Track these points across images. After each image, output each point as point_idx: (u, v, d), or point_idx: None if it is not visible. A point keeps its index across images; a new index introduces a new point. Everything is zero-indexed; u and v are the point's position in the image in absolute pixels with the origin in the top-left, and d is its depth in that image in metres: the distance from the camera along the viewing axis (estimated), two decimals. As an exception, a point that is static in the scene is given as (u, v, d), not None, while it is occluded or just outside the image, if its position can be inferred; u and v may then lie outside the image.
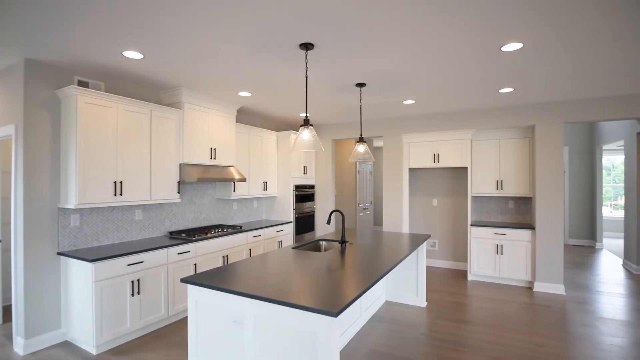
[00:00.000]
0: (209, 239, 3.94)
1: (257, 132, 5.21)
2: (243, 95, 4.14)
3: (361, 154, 3.58)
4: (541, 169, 4.60)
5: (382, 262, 2.63)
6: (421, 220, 5.96)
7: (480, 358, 2.85)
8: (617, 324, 3.54)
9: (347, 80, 3.52)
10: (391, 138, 5.63)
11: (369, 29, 2.36)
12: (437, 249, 5.84)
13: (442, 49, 2.72)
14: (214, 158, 4.29)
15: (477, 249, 4.98)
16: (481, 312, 3.83)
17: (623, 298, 4.31)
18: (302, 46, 2.57)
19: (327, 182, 6.17)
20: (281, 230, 5.25)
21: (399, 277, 4.12)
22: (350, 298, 1.76)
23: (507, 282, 4.89)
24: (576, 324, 3.54)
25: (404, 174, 5.51)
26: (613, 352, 2.95)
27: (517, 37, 2.50)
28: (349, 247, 3.23)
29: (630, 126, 5.56)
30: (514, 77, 3.46)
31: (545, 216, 4.57)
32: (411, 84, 3.68)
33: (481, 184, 5.21)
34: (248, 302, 1.90)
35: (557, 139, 4.53)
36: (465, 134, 5.06)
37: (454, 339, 3.20)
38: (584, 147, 7.73)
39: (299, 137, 2.48)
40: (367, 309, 3.60)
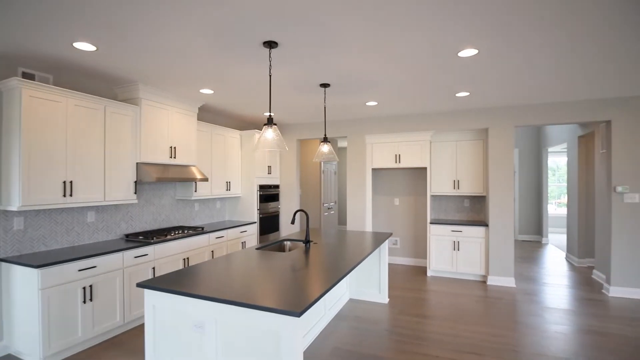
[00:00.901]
0: (168, 241, 3.79)
1: (220, 131, 5.09)
2: (205, 92, 4.03)
3: (325, 154, 3.61)
4: (494, 170, 4.89)
5: (345, 261, 2.66)
6: (384, 219, 6.11)
7: (439, 350, 2.97)
8: (561, 312, 3.84)
9: (311, 80, 3.53)
10: (355, 139, 5.73)
11: (332, 30, 2.38)
12: (399, 247, 6.02)
13: (403, 52, 2.81)
14: (174, 157, 4.14)
15: (436, 246, 5.19)
16: (440, 306, 4.00)
17: (566, 289, 4.68)
18: (265, 44, 2.55)
19: (292, 182, 6.16)
20: (245, 231, 5.17)
21: (363, 274, 4.20)
22: (314, 297, 1.76)
23: (463, 276, 5.15)
24: (525, 314, 3.80)
25: (367, 174, 5.63)
26: (558, 338, 3.20)
27: (472, 44, 2.64)
28: (313, 247, 3.24)
29: (572, 130, 6.06)
30: (470, 81, 3.64)
31: (497, 214, 4.86)
32: (374, 85, 3.77)
33: (439, 184, 5.44)
34: (209, 305, 1.85)
35: (508, 142, 4.83)
36: (425, 136, 5.26)
37: (414, 333, 3.31)
38: (531, 149, 8.31)
39: (262, 136, 2.45)
40: (332, 307, 3.63)
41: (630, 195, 4.30)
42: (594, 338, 3.20)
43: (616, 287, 4.36)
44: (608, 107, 4.37)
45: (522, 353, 2.92)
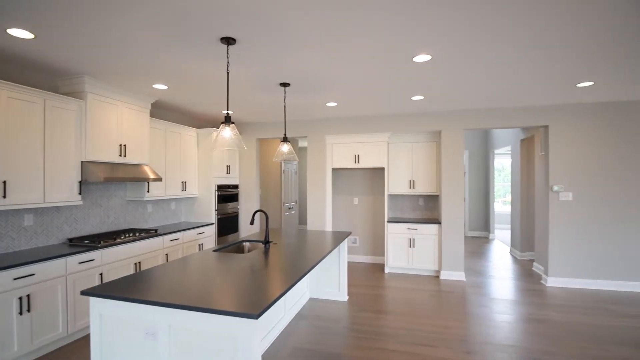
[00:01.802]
0: (117, 245, 3.57)
1: (175, 128, 4.89)
2: (158, 87, 3.84)
3: (285, 154, 3.60)
4: (446, 170, 5.15)
5: (305, 261, 2.67)
6: (344, 218, 6.21)
7: (396, 344, 3.07)
8: (505, 303, 4.13)
9: (271, 79, 3.50)
10: (315, 139, 5.76)
11: (291, 29, 2.38)
12: (358, 245, 6.14)
13: (361, 55, 2.87)
14: (124, 155, 3.91)
15: (393, 244, 5.37)
16: (396, 302, 4.14)
17: (510, 280, 5.05)
18: (223, 40, 2.49)
19: (252, 182, 6.06)
20: (202, 232, 5.00)
21: (323, 273, 4.24)
22: (272, 299, 1.75)
23: (418, 272, 5.37)
24: (474, 305, 4.04)
25: (327, 173, 5.68)
26: (503, 327, 3.43)
27: (426, 50, 2.76)
28: (273, 247, 3.21)
29: (515, 134, 6.54)
30: (424, 86, 3.80)
31: (449, 212, 5.13)
32: (333, 86, 3.81)
33: (396, 184, 5.63)
34: (161, 311, 1.77)
35: (458, 144, 5.11)
36: (383, 137, 5.42)
37: (372, 329, 3.40)
38: (480, 151, 8.85)
39: (219, 135, 2.39)
40: (292, 307, 3.63)
41: (565, 194, 4.73)
42: (534, 325, 3.48)
43: (553, 278, 4.78)
44: (546, 113, 4.78)
45: (471, 342, 3.11)
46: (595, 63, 3.08)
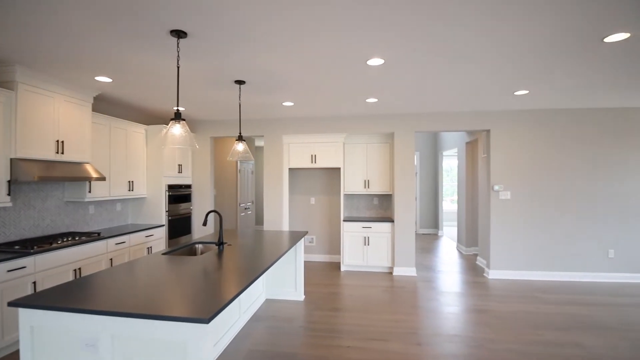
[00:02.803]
0: (53, 250, 3.28)
1: (121, 124, 4.59)
2: (102, 80, 3.59)
3: (240, 153, 3.52)
4: (398, 171, 5.35)
5: (260, 262, 2.64)
6: (301, 218, 6.22)
7: (351, 341, 3.14)
8: (453, 295, 4.38)
9: (225, 75, 3.41)
10: (272, 138, 5.71)
11: (246, 26, 2.33)
12: (315, 245, 6.18)
13: (316, 57, 2.89)
14: (62, 152, 3.60)
15: (349, 242, 5.47)
16: (351, 299, 4.22)
17: (457, 274, 5.36)
18: (173, 33, 2.38)
19: (206, 182, 5.86)
20: (151, 235, 4.75)
21: (279, 274, 4.21)
22: (224, 302, 1.70)
23: (373, 269, 5.52)
24: (424, 299, 4.24)
25: (284, 173, 5.66)
26: (450, 318, 3.64)
27: (379, 54, 2.84)
28: (227, 249, 3.13)
29: (461, 137, 6.95)
30: (378, 89, 3.92)
31: (401, 210, 5.34)
32: (290, 86, 3.80)
33: (352, 183, 5.75)
34: (103, 320, 1.65)
35: (410, 145, 5.33)
36: (339, 138, 5.50)
37: (328, 326, 3.44)
38: (429, 152, 9.31)
39: (168, 132, 2.28)
40: (247, 309, 3.56)
41: (504, 193, 5.12)
42: (477, 315, 3.72)
43: (494, 271, 5.15)
44: (488, 118, 5.14)
45: (421, 334, 3.26)
46: (530, 74, 3.37)
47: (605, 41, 2.58)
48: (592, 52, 2.81)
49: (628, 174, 4.94)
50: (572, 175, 5.03)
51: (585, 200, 5.01)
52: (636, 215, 4.93)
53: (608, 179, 4.97)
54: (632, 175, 4.94)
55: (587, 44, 2.64)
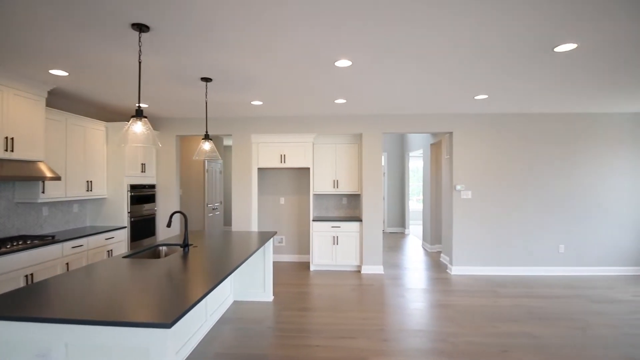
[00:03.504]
0: (1, 256, 3.05)
1: (79, 121, 4.35)
2: (57, 74, 3.38)
3: (207, 152, 3.45)
4: (367, 171, 5.46)
5: (227, 263, 2.60)
6: (270, 218, 6.18)
7: (319, 340, 3.16)
8: (418, 292, 4.52)
9: (191, 72, 3.32)
10: (240, 137, 5.63)
11: (211, 22, 2.29)
12: (284, 245, 6.16)
13: (284, 57, 2.89)
14: (11, 150, 3.35)
15: (318, 242, 5.51)
16: (320, 298, 4.25)
17: (422, 271, 5.54)
18: (134, 26, 2.29)
19: (171, 182, 5.68)
20: (112, 237, 4.54)
21: (247, 275, 4.16)
22: (188, 305, 1.67)
23: (342, 268, 5.59)
24: (391, 296, 4.35)
25: (253, 173, 5.60)
26: (415, 314, 3.76)
27: (347, 55, 2.88)
28: (193, 251, 3.06)
29: (426, 138, 7.19)
30: (346, 90, 3.97)
31: (369, 210, 5.44)
32: (258, 85, 3.77)
33: (321, 183, 5.79)
34: (55, 328, 1.56)
35: (378, 146, 5.45)
36: (308, 138, 5.52)
37: (297, 326, 3.44)
38: (397, 153, 9.55)
39: (129, 130, 2.19)
40: (214, 312, 3.49)
41: (465, 193, 5.36)
42: (441, 310, 3.87)
43: (457, 267, 5.38)
44: (451, 121, 5.36)
45: (388, 331, 3.34)
46: (489, 80, 3.55)
47: (556, 50, 2.77)
48: (544, 60, 3.00)
49: (577, 174, 5.33)
50: (527, 176, 5.35)
51: (538, 199, 5.34)
52: (584, 213, 5.32)
53: (559, 179, 5.33)
54: (580, 175, 5.33)
55: (539, 53, 2.83)
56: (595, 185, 5.32)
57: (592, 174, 5.33)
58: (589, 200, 5.33)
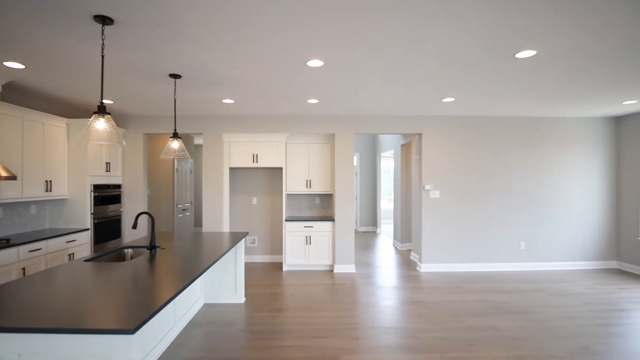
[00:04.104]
0: (-53, 261, 2.83)
1: (37, 117, 4.10)
2: (12, 66, 3.17)
3: (176, 151, 3.35)
4: (339, 171, 5.50)
5: (196, 265, 2.54)
6: (242, 218, 6.09)
7: (292, 340, 3.15)
8: (389, 289, 4.61)
9: (159, 69, 3.22)
10: (212, 136, 5.51)
11: (181, 18, 2.23)
12: (256, 245, 6.10)
13: (256, 56, 2.86)
14: (-41, 148, 3.12)
15: (291, 242, 5.49)
16: (293, 298, 4.25)
17: (393, 269, 5.66)
18: (97, 18, 2.19)
19: (138, 181, 5.47)
20: (73, 240, 4.31)
21: (218, 277, 4.09)
22: (152, 310, 1.62)
23: (314, 268, 5.61)
24: (363, 294, 4.41)
25: (224, 173, 5.50)
26: (386, 311, 3.83)
27: (318, 56, 2.90)
28: (161, 253, 2.97)
29: (397, 139, 7.35)
30: (319, 90, 3.99)
31: (342, 210, 5.49)
32: (229, 83, 3.71)
33: (294, 183, 5.77)
34: (7, 337, 1.47)
35: (349, 147, 5.51)
36: (281, 137, 5.50)
37: (269, 328, 3.42)
38: (369, 153, 9.69)
39: (91, 127, 2.09)
40: (183, 315, 3.40)
41: (434, 192, 5.52)
42: (410, 307, 3.97)
43: (426, 264, 5.53)
44: (420, 122, 5.50)
45: (360, 329, 3.39)
46: (455, 83, 3.68)
47: (517, 57, 2.91)
48: (506, 66, 3.15)
49: (537, 175, 5.63)
50: (491, 176, 5.59)
51: (501, 199, 5.60)
52: (542, 212, 5.63)
53: (519, 180, 5.61)
54: (539, 176, 5.63)
55: (501, 58, 2.96)
56: (552, 186, 5.65)
57: (550, 174, 5.64)
58: (547, 199, 5.64)
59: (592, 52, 2.80)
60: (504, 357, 2.86)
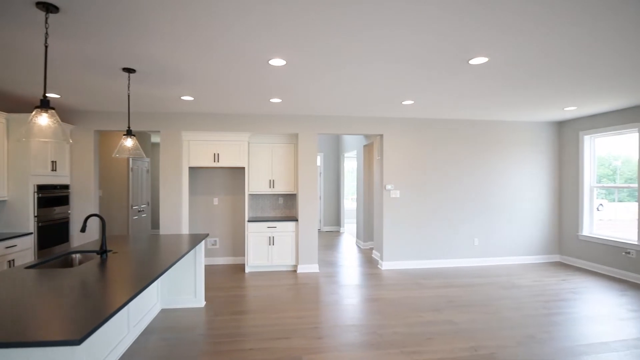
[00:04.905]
0: None
1: (-32, 112, 3.71)
2: (-64, 55, 2.85)
3: (130, 150, 3.18)
4: (302, 171, 5.50)
5: (151, 269, 2.42)
6: (202, 219, 5.91)
7: (253, 342, 3.10)
8: (352, 287, 4.67)
9: (111, 61, 3.03)
10: (170, 134, 5.29)
11: (135, 7, 2.12)
12: (218, 247, 5.94)
13: (215, 51, 2.78)
14: None
15: (254, 243, 5.41)
16: (255, 300, 4.18)
17: (356, 268, 5.75)
18: (40, 5, 2.02)
19: (88, 181, 5.13)
20: (14, 245, 3.95)
21: (177, 281, 3.93)
22: (100, 319, 1.52)
23: (278, 268, 5.56)
24: (326, 293, 4.43)
25: (183, 172, 5.30)
26: (349, 310, 3.88)
27: (280, 55, 2.87)
28: (112, 257, 2.80)
29: (360, 140, 7.48)
30: (282, 89, 3.96)
31: (305, 209, 5.50)
32: (188, 79, 3.58)
33: (257, 183, 5.69)
34: None
35: (313, 147, 5.53)
36: (243, 136, 5.40)
37: (230, 331, 3.34)
38: (333, 154, 9.79)
39: (33, 123, 1.93)
40: (138, 322, 3.23)
41: (395, 192, 5.69)
42: (372, 304, 4.05)
43: (387, 262, 5.68)
44: (382, 124, 5.64)
45: (322, 327, 3.41)
46: (414, 87, 3.81)
47: (470, 63, 3.06)
48: (461, 72, 3.31)
49: (488, 175, 5.97)
50: (447, 176, 5.85)
51: (457, 198, 5.88)
52: (493, 210, 5.99)
53: (472, 179, 5.93)
54: (491, 176, 5.98)
55: (456, 64, 3.10)
56: (502, 185, 6.02)
57: (500, 175, 6.01)
58: (498, 198, 6.00)
59: (538, 61, 3.01)
60: (459, 349, 3.00)
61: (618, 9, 2.08)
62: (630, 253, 4.98)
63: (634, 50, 2.75)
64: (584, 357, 2.86)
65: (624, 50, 2.75)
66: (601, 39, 2.53)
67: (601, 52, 2.79)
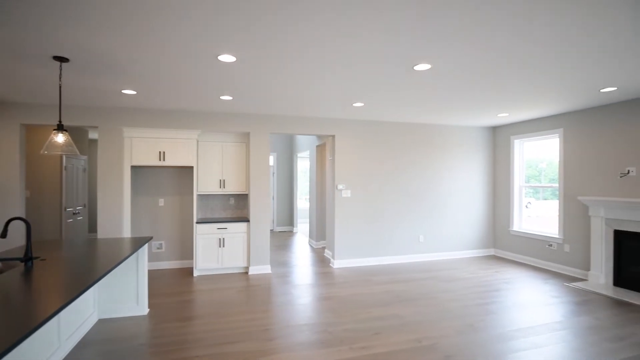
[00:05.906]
0: None
1: None
2: None
3: (61, 146, 2.91)
4: (254, 170, 5.42)
5: (84, 277, 2.24)
6: (147, 221, 5.57)
7: (200, 349, 2.99)
8: (305, 287, 4.69)
9: (40, 49, 2.75)
10: (109, 130, 4.92)
11: (66, -4, 1.94)
12: (164, 250, 5.65)
13: (160, 42, 2.64)
14: None
15: (202, 245, 5.21)
16: (204, 305, 4.04)
17: (308, 267, 5.78)
18: (-53, -15, 1.78)
19: (12, 181, 4.61)
20: None
21: (116, 288, 3.67)
22: (19, 335, 1.37)
23: (228, 271, 5.42)
24: (278, 294, 4.40)
25: (125, 171, 4.96)
26: (301, 309, 3.89)
27: (230, 51, 2.80)
28: (40, 265, 2.54)
29: (313, 140, 7.53)
30: (232, 86, 3.86)
31: (257, 210, 5.42)
32: (129, 72, 3.36)
33: (206, 183, 5.49)
34: None
35: (265, 146, 5.47)
36: (192, 134, 5.18)
37: (176, 338, 3.19)
38: (286, 153, 9.76)
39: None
40: (71, 335, 2.97)
41: (346, 192, 5.81)
42: (324, 303, 4.10)
43: (338, 260, 5.78)
44: (333, 125, 5.73)
45: (274, 329, 3.38)
46: (364, 89, 3.92)
47: (415, 69, 3.22)
48: (407, 77, 3.47)
49: (430, 175, 6.33)
50: (394, 176, 6.11)
51: (404, 197, 6.15)
52: (436, 208, 6.35)
53: (417, 180, 6.24)
54: (433, 176, 6.34)
55: (402, 70, 3.25)
56: (443, 185, 6.41)
57: (441, 175, 6.40)
58: (439, 197, 6.39)
59: (475, 72, 3.24)
60: (405, 341, 3.14)
61: (537, 40, 2.31)
62: (552, 245, 5.56)
63: (554, 70, 3.08)
64: (514, 342, 3.14)
65: (548, 69, 3.07)
66: (529, 59, 2.79)
67: (528, 69, 3.08)
